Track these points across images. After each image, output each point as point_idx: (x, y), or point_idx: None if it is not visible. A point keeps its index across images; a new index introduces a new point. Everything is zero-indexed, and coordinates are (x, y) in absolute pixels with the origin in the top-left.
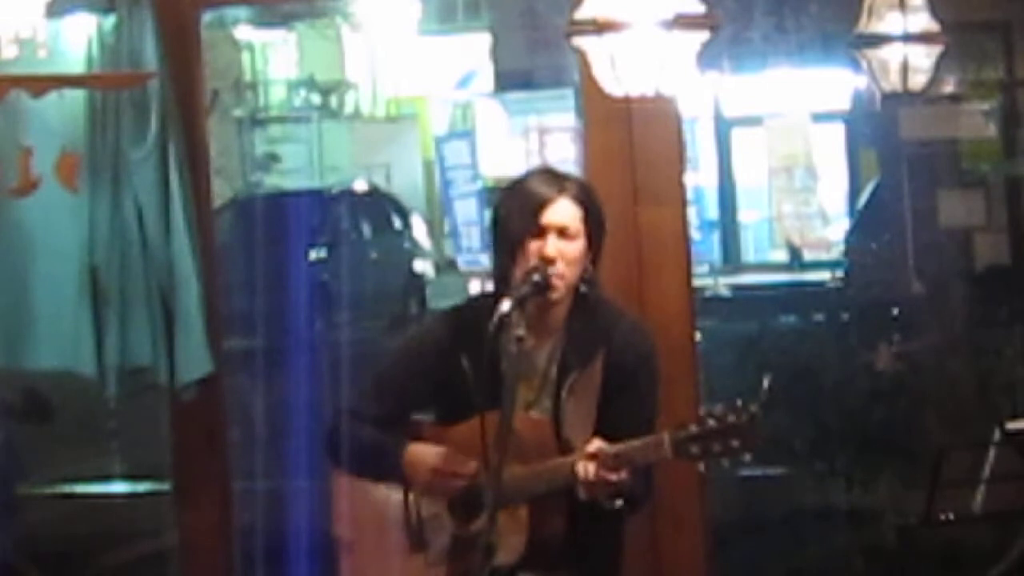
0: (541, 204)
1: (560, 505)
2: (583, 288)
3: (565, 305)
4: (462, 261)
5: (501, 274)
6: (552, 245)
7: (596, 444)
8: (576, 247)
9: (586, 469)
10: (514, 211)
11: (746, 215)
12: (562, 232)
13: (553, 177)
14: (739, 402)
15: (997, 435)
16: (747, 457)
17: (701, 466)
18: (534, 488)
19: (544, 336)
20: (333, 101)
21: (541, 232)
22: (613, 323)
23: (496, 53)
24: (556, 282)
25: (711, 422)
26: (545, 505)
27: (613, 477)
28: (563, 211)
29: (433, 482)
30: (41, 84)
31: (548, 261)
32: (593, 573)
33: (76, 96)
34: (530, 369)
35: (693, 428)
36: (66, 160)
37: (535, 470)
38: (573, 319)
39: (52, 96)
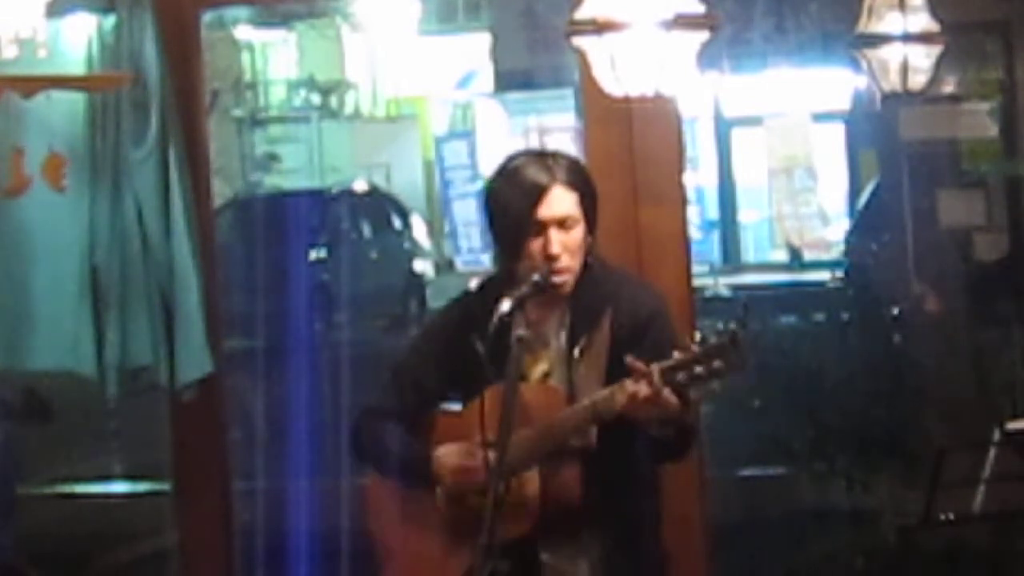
0: (536, 198)
1: (573, 467)
2: (587, 258)
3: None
4: (460, 261)
5: (504, 269)
6: (555, 241)
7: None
8: (577, 234)
9: (626, 389)
10: (509, 208)
11: (746, 215)
12: (561, 224)
13: (542, 164)
14: (720, 325)
15: (997, 435)
16: (737, 373)
17: (695, 392)
18: (544, 443)
19: (553, 308)
20: (333, 101)
21: (541, 228)
22: (618, 285)
23: (496, 53)
24: (563, 278)
25: (694, 347)
26: (557, 468)
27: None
28: (559, 202)
29: (458, 477)
30: (32, 85)
31: (553, 258)
32: (624, 542)
33: (75, 97)
34: (542, 344)
35: (677, 355)
36: (53, 161)
37: (550, 423)
38: (579, 288)
39: (41, 97)
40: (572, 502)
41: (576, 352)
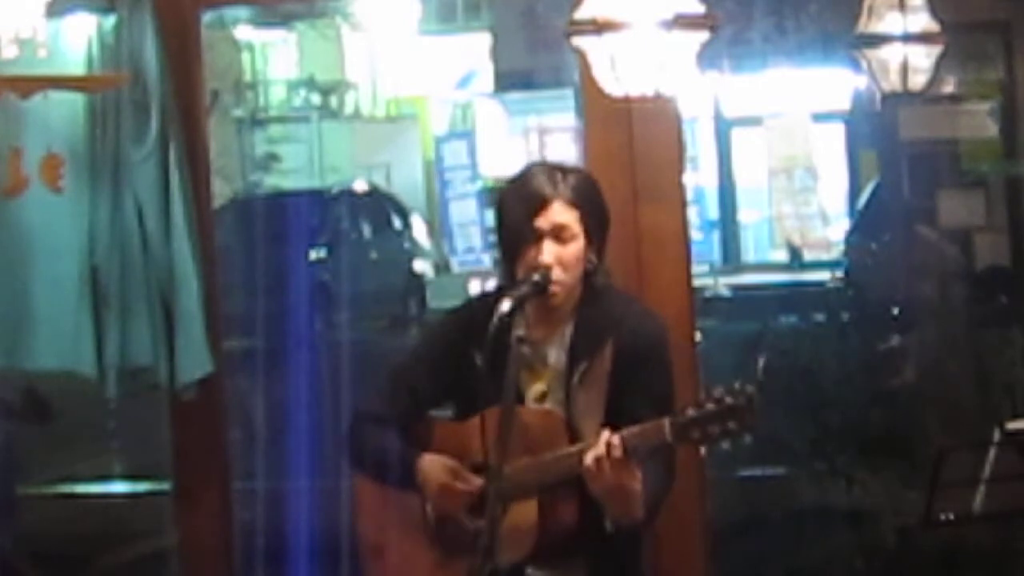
0: (535, 209)
1: (571, 495)
2: (592, 280)
3: (574, 297)
4: (457, 262)
5: (505, 275)
6: (548, 251)
7: (605, 434)
8: (573, 248)
9: (593, 459)
10: (511, 215)
11: (746, 215)
12: (558, 235)
13: (549, 177)
14: (736, 384)
15: (997, 435)
16: (746, 438)
17: (703, 450)
18: (541, 479)
19: (554, 328)
20: (333, 101)
21: (537, 236)
22: (622, 311)
23: (496, 53)
24: (554, 288)
25: (709, 405)
26: (555, 497)
27: (623, 473)
28: (557, 215)
29: (440, 496)
30: (29, 85)
31: (544, 268)
32: (611, 564)
33: (74, 97)
34: (541, 362)
35: (691, 412)
36: (50, 161)
37: (542, 460)
38: (582, 310)
39: (39, 97)
40: (569, 530)
41: (576, 377)
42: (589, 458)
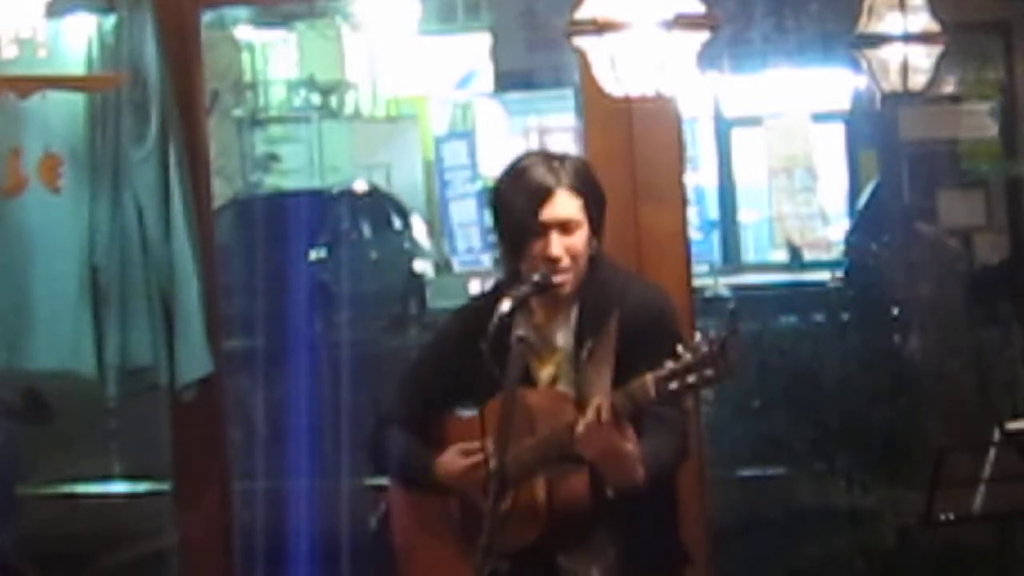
0: (539, 202)
1: (581, 474)
2: (594, 261)
3: (579, 279)
4: (457, 262)
5: (507, 269)
6: (555, 244)
7: (596, 399)
8: (579, 237)
9: (584, 425)
10: (513, 209)
11: (746, 215)
12: (564, 227)
13: (549, 167)
14: (711, 333)
15: (997, 435)
16: (728, 381)
17: (689, 402)
18: (544, 456)
19: (560, 312)
20: (333, 101)
21: (543, 230)
22: (624, 286)
23: (496, 53)
24: (563, 278)
25: (686, 355)
26: (564, 476)
27: (614, 436)
28: (563, 206)
29: (464, 480)
30: (28, 85)
31: (553, 260)
32: (641, 541)
33: (74, 97)
34: (549, 348)
35: (670, 364)
36: (48, 161)
37: (541, 438)
38: (586, 290)
39: (38, 97)
40: (581, 506)
41: (584, 354)
42: (580, 425)
